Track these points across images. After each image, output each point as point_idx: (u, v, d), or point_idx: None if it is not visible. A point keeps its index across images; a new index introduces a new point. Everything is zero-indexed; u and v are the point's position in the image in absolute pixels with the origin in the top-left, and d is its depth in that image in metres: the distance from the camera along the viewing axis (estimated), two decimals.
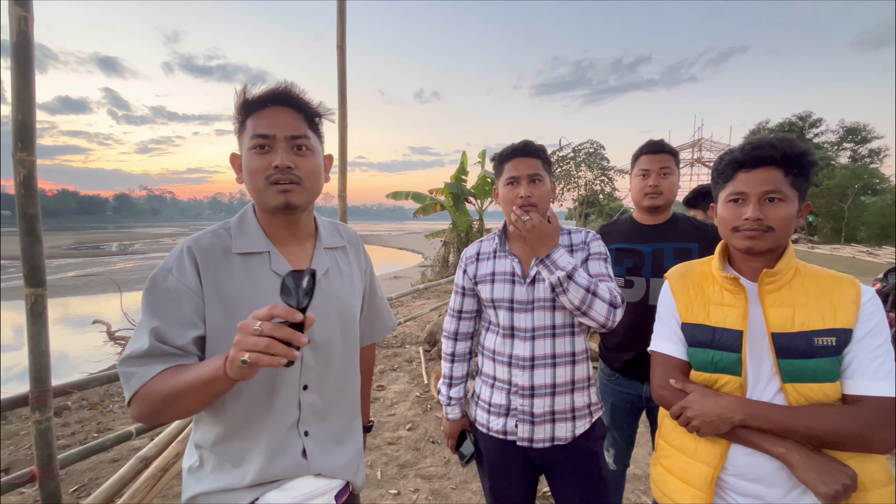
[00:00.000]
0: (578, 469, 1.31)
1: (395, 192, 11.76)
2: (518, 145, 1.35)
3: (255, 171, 0.90)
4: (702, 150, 28.44)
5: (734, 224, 0.99)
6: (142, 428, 2.47)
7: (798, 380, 0.91)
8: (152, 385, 0.81)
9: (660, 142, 1.66)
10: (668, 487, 1.08)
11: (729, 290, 1.02)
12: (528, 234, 1.23)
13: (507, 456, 1.35)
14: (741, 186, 0.98)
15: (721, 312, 1.02)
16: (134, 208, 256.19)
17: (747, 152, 0.97)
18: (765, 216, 0.94)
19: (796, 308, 0.94)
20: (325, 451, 0.99)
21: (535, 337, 1.30)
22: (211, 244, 0.91)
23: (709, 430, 0.93)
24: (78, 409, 3.66)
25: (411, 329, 5.95)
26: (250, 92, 0.90)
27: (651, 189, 1.63)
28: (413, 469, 2.70)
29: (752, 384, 0.97)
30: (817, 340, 0.90)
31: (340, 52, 3.35)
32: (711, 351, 1.00)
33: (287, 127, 0.90)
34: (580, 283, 1.19)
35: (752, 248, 0.97)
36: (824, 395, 0.90)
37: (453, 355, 1.49)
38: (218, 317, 0.88)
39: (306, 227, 1.02)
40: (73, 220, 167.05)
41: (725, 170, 1.01)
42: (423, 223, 26.18)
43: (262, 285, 0.92)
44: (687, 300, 1.09)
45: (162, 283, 0.86)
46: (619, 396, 1.74)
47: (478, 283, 1.40)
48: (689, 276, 1.12)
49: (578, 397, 1.31)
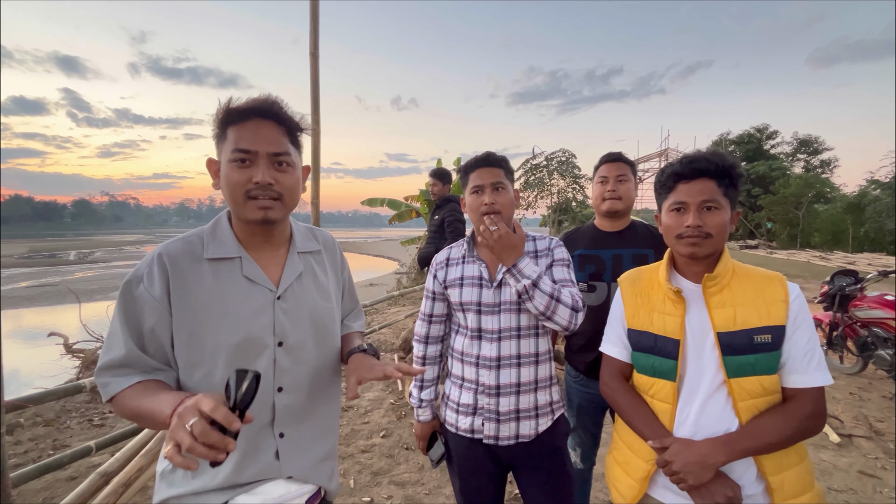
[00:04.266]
0: (543, 464, 1.37)
1: (370, 199, 11.69)
2: (481, 156, 1.42)
3: (235, 185, 0.90)
4: (668, 160, 29.47)
5: (677, 231, 1.07)
6: (102, 442, 2.38)
7: (740, 374, 1.00)
8: (124, 395, 0.85)
9: (617, 153, 1.80)
10: (613, 476, 1.20)
11: (671, 299, 1.10)
12: (496, 244, 1.27)
13: (474, 454, 1.39)
14: (682, 196, 1.06)
15: (662, 320, 1.10)
16: (95, 215, 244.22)
17: (686, 165, 1.06)
18: (703, 223, 1.03)
19: (737, 308, 1.03)
20: (299, 453, 0.99)
21: (502, 338, 1.35)
22: (181, 251, 0.92)
23: (695, 479, 0.95)
24: (32, 426, 3.47)
25: (386, 336, 5.92)
26: (235, 102, 0.91)
27: (609, 194, 1.73)
28: (387, 476, 2.69)
29: (693, 381, 1.05)
30: (756, 338, 0.99)
31: (313, 59, 3.36)
32: (652, 357, 1.10)
33: (269, 143, 0.91)
34: (545, 290, 1.25)
35: (694, 253, 1.05)
36: (761, 387, 0.99)
37: (424, 358, 1.51)
38: (186, 326, 0.89)
39: (281, 234, 1.04)
40: (28, 227, 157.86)
41: (667, 181, 1.10)
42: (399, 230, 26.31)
43: (231, 291, 0.93)
44: (634, 307, 1.17)
45: (133, 291, 0.88)
46: (584, 396, 1.80)
47: (447, 287, 1.44)
48: (638, 284, 1.21)
49: (542, 395, 1.37)
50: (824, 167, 33.39)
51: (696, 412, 1.03)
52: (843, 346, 4.38)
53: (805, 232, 27.08)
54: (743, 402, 1.00)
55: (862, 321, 4.14)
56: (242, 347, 0.92)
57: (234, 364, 0.90)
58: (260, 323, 0.94)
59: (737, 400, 1.00)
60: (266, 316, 0.95)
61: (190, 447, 0.65)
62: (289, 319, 0.98)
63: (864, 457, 2.90)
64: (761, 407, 1.00)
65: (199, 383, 0.90)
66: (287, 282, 1.00)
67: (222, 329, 0.90)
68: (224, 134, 0.92)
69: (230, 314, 0.92)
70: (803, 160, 34.19)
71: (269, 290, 0.97)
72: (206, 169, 0.99)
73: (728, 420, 1.01)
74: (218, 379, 0.90)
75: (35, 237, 68.34)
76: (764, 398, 1.00)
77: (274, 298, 0.97)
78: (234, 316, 0.92)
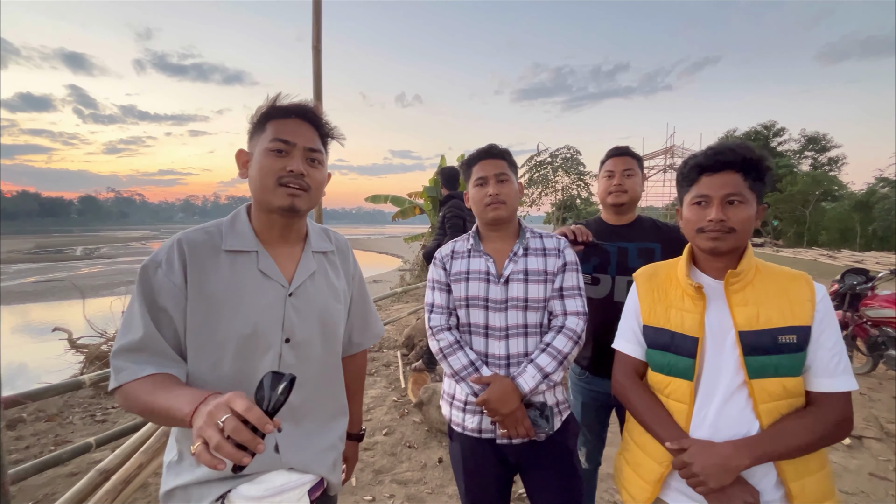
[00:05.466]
0: (554, 464, 1.33)
1: (374, 196, 11.69)
2: (484, 148, 1.40)
3: (269, 171, 0.94)
4: (674, 157, 29.35)
5: (699, 225, 1.02)
6: (102, 439, 2.36)
7: (762, 375, 0.95)
8: (136, 387, 0.83)
9: (624, 147, 1.76)
10: (623, 478, 1.16)
11: (690, 295, 1.06)
12: (490, 405, 1.24)
13: (481, 454, 1.35)
14: (705, 189, 1.01)
15: (680, 317, 1.05)
16: (101, 211, 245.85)
17: (710, 157, 1.00)
18: (727, 217, 0.98)
19: (760, 307, 0.98)
20: (299, 446, 1.00)
21: (510, 336, 1.32)
22: (201, 241, 0.94)
23: (716, 482, 0.91)
24: (34, 420, 3.47)
25: (389, 333, 5.90)
26: (280, 101, 0.98)
27: (615, 188, 1.70)
28: (389, 474, 2.66)
29: (711, 381, 1.00)
30: (781, 338, 0.94)
31: (316, 53, 3.32)
32: (669, 354, 1.05)
33: (307, 139, 0.98)
34: (553, 370, 1.27)
35: (715, 248, 1.00)
36: (784, 389, 0.94)
37: (457, 342, 1.35)
38: (200, 313, 0.90)
39: (298, 231, 1.06)
40: (35, 222, 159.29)
41: (690, 174, 1.05)
42: (402, 227, 26.15)
43: (246, 283, 0.95)
44: (651, 303, 1.12)
45: (152, 275, 0.90)
46: (589, 395, 1.77)
47: (452, 280, 1.40)
48: (655, 279, 1.16)
49: (549, 396, 1.34)
50: (832, 165, 33.01)
51: (714, 413, 0.98)
52: (853, 345, 4.31)
53: (812, 230, 26.87)
54: (764, 404, 0.95)
55: (872, 320, 4.07)
56: (252, 339, 0.93)
57: (242, 355, 0.92)
58: (270, 317, 0.96)
59: (758, 402, 0.95)
60: (276, 311, 0.97)
61: (218, 445, 0.64)
62: (298, 316, 0.99)
63: (874, 459, 2.84)
64: (783, 410, 0.95)
65: (207, 373, 0.91)
66: (300, 279, 1.01)
67: (235, 319, 0.92)
68: (263, 127, 0.97)
69: (243, 306, 0.93)
70: (811, 157, 33.83)
71: (282, 285, 0.98)
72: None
73: (748, 422, 0.96)
74: (226, 370, 0.91)
75: (42, 233, 68.96)
76: (786, 401, 0.95)
77: (286, 294, 0.98)
78: (247, 308, 0.93)
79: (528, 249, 1.39)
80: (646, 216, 1.81)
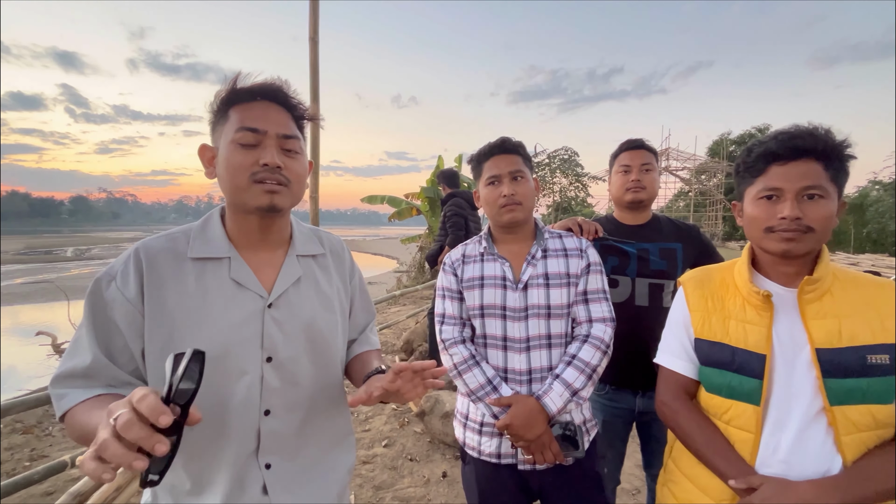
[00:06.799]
0: (579, 492, 1.19)
1: (370, 196, 11.59)
2: (496, 142, 1.26)
3: (238, 167, 0.80)
4: (669, 159, 29.41)
5: (768, 224, 0.87)
6: (79, 455, 2.17)
7: (846, 401, 0.80)
8: (76, 412, 0.72)
9: (639, 139, 1.62)
10: None
11: (755, 305, 0.90)
12: (513, 430, 1.11)
13: (499, 482, 1.21)
14: (776, 181, 0.86)
15: (742, 330, 0.90)
16: (92, 211, 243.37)
17: (784, 142, 0.85)
18: (804, 214, 0.83)
19: (842, 320, 0.82)
20: (294, 484, 0.86)
21: (531, 348, 1.18)
22: (161, 248, 0.82)
23: None
24: (10, 433, 3.26)
25: (387, 337, 5.73)
26: (241, 81, 0.82)
27: (633, 184, 1.56)
28: (390, 491, 2.50)
29: (783, 407, 0.85)
30: (870, 358, 0.79)
31: (313, 45, 3.17)
32: (729, 374, 0.89)
33: (279, 125, 0.83)
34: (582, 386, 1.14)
35: (789, 251, 0.85)
36: (872, 419, 0.79)
37: (473, 357, 1.21)
38: (161, 333, 0.78)
39: (280, 232, 0.92)
40: (24, 223, 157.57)
41: (756, 163, 0.89)
42: (398, 228, 25.85)
43: (214, 296, 0.81)
44: (704, 313, 0.97)
45: (104, 290, 0.78)
46: (610, 412, 1.62)
47: (464, 287, 1.26)
48: (708, 285, 1.00)
49: (576, 414, 1.20)
50: None
51: (787, 445, 0.83)
52: None
53: None
54: (848, 435, 0.80)
55: None
56: (222, 362, 0.79)
57: (212, 381, 0.76)
58: (245, 333, 0.82)
59: (840, 433, 0.80)
60: (253, 326, 0.83)
61: (102, 445, 0.51)
62: (281, 331, 0.84)
63: None
64: (870, 443, 0.80)
65: None
66: (282, 287, 0.87)
67: (199, 339, 0.78)
68: (226, 115, 0.83)
69: (210, 322, 0.79)
70: None
71: (260, 296, 0.84)
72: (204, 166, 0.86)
73: (829, 458, 0.81)
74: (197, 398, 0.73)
75: (32, 233, 68.11)
76: (874, 432, 0.80)
77: (264, 306, 0.84)
78: (215, 324, 0.80)
79: (548, 251, 1.25)
80: (663, 215, 1.69)
